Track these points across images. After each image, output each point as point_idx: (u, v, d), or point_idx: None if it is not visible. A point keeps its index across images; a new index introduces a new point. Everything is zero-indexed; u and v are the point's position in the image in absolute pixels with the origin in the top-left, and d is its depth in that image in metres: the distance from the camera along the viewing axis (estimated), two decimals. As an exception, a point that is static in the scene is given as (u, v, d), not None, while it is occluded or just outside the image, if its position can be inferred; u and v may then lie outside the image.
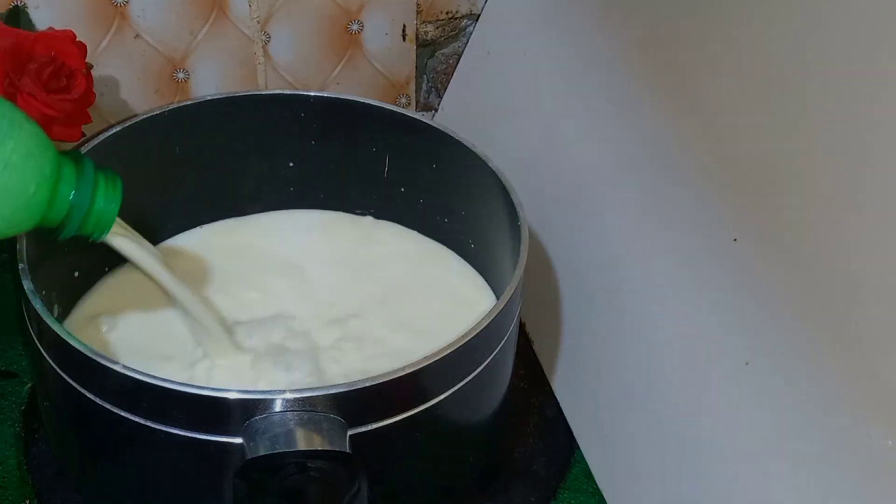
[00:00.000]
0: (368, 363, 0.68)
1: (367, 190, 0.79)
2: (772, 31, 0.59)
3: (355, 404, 0.56)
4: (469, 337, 0.59)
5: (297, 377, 0.66)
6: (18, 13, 0.77)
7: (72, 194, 0.56)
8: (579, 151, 0.76)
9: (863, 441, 0.52)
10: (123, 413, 0.57)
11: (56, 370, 0.59)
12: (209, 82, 0.85)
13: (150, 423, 0.57)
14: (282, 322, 0.71)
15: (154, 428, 0.57)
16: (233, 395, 0.55)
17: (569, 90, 0.78)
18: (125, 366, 0.56)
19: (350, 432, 0.56)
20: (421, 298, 0.74)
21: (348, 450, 0.55)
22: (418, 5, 0.89)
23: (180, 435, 0.56)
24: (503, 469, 0.71)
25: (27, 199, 0.54)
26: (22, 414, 0.73)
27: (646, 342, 0.68)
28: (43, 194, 0.55)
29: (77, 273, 0.71)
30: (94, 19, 0.80)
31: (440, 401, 0.60)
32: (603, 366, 0.72)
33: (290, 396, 0.55)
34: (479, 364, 0.61)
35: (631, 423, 0.69)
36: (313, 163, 0.78)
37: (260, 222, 0.80)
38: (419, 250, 0.78)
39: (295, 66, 0.88)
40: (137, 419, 0.57)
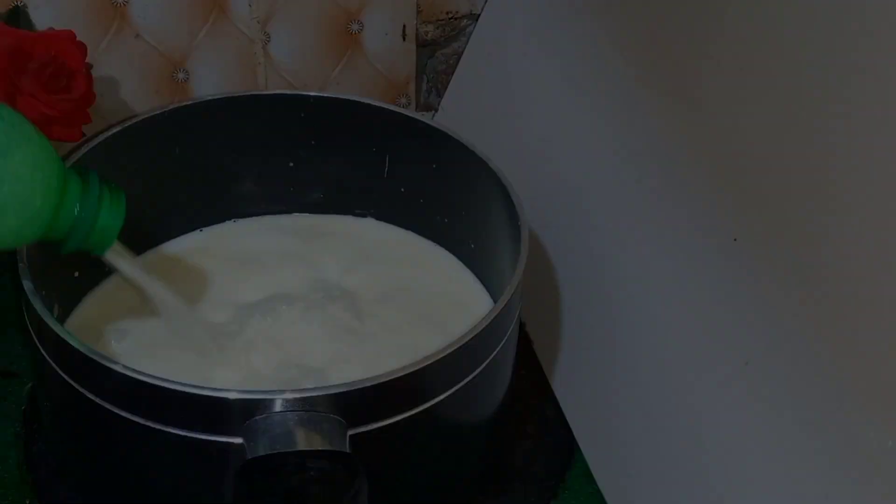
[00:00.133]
0: (368, 363, 0.68)
1: (367, 190, 0.79)
2: (772, 31, 0.59)
3: (355, 404, 0.56)
4: (469, 337, 0.59)
5: (297, 377, 0.66)
6: (18, 13, 0.77)
7: (77, 208, 0.56)
8: (579, 151, 0.76)
9: (863, 441, 0.52)
10: (123, 413, 0.57)
11: (56, 370, 0.59)
12: (209, 82, 0.85)
13: (150, 423, 0.57)
14: (281, 322, 0.71)
15: (154, 428, 0.57)
16: (233, 395, 0.55)
17: (569, 90, 0.78)
18: (125, 366, 0.56)
19: (350, 432, 0.56)
20: (421, 299, 0.74)
21: (348, 450, 0.55)
22: (418, 5, 0.89)
23: (180, 435, 0.56)
24: (503, 469, 0.71)
25: (32, 211, 0.54)
26: (22, 414, 0.73)
27: (646, 342, 0.68)
28: (48, 207, 0.55)
29: (77, 273, 0.71)
30: (94, 19, 0.80)
31: (440, 401, 0.60)
32: (603, 366, 0.72)
33: (291, 396, 0.55)
34: (479, 364, 0.61)
35: (631, 423, 0.69)
36: (313, 163, 0.78)
37: (259, 223, 0.80)
38: (419, 251, 0.78)
39: (295, 67, 0.88)
40: (137, 419, 0.57)
